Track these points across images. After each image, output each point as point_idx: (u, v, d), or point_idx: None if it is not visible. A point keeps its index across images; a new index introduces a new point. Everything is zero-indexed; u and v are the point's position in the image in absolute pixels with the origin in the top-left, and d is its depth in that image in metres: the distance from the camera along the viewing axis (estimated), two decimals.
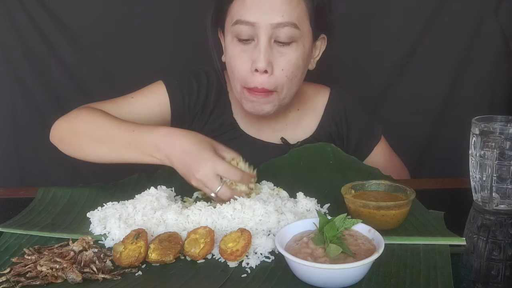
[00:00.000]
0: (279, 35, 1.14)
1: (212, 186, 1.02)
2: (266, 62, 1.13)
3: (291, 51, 1.16)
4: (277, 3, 1.13)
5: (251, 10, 1.13)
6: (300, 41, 1.16)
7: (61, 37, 1.64)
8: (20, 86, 1.66)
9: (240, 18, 1.14)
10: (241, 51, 1.17)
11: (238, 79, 1.19)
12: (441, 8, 1.71)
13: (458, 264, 0.86)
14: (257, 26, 1.13)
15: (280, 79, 1.17)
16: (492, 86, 1.80)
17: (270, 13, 1.12)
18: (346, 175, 1.18)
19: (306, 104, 1.36)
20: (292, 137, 1.33)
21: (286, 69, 1.16)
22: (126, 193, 1.09)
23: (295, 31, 1.14)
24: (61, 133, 1.19)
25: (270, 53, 1.14)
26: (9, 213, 1.04)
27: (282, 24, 1.13)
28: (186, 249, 0.87)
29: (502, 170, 1.04)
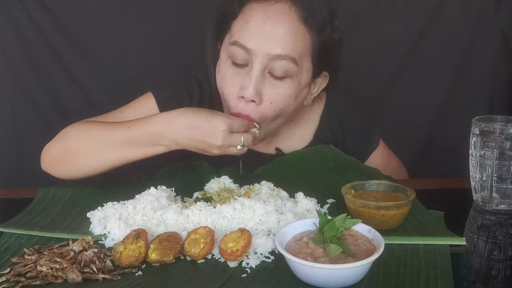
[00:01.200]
0: (274, 67, 1.07)
1: (236, 142, 1.04)
2: (255, 92, 1.08)
3: (284, 86, 1.10)
4: (279, 34, 1.06)
5: (251, 36, 1.07)
6: (295, 78, 1.10)
7: (61, 37, 1.64)
8: (20, 86, 1.66)
9: (238, 40, 1.08)
10: (232, 74, 1.11)
11: (227, 102, 1.14)
12: (441, 8, 1.71)
13: (458, 264, 0.86)
14: (253, 54, 1.07)
15: (267, 112, 1.11)
16: (492, 86, 1.80)
17: (270, 43, 1.06)
18: (345, 175, 1.18)
19: (301, 114, 1.30)
20: (288, 147, 1.29)
21: (275, 103, 1.10)
22: (126, 193, 1.09)
23: (293, 67, 1.08)
24: (52, 156, 1.15)
25: (261, 83, 1.08)
26: (9, 213, 1.04)
27: (280, 56, 1.07)
28: (186, 249, 0.87)
29: (502, 170, 1.04)
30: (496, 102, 1.80)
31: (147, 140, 1.05)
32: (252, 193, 1.08)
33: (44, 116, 1.69)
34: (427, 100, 1.80)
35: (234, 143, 1.04)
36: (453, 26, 1.72)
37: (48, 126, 1.70)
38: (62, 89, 1.69)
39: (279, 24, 1.07)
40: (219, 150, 1.04)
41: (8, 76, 1.65)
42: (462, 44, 1.75)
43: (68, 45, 1.65)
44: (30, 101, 1.67)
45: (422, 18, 1.73)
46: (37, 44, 1.63)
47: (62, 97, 1.69)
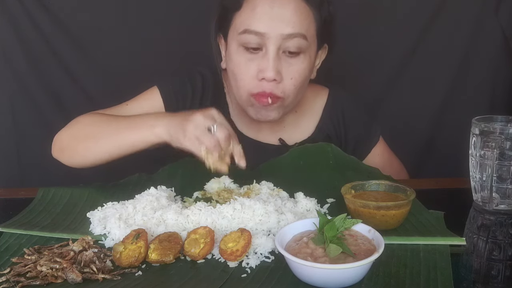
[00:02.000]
0: (288, 46, 1.14)
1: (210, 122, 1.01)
2: (275, 72, 1.15)
3: (299, 62, 1.17)
4: (288, 14, 1.13)
5: (261, 20, 1.13)
6: (307, 52, 1.18)
7: (61, 37, 1.64)
8: (20, 86, 1.66)
9: (248, 28, 1.14)
10: (247, 60, 1.17)
11: (243, 87, 1.19)
12: (441, 8, 1.71)
13: (458, 264, 0.86)
14: (266, 37, 1.13)
15: (288, 87, 1.18)
16: (492, 86, 1.80)
17: (281, 24, 1.13)
18: (346, 175, 1.18)
19: (305, 105, 1.35)
20: (290, 138, 1.33)
21: (294, 78, 1.18)
22: (126, 193, 1.09)
23: (304, 42, 1.15)
24: (61, 143, 1.20)
25: (278, 63, 1.15)
26: (9, 213, 1.04)
27: (292, 35, 1.14)
28: (186, 249, 0.87)
29: (502, 170, 1.04)
30: (496, 102, 1.80)
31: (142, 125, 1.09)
32: (252, 193, 1.09)
33: (44, 116, 1.69)
34: (427, 100, 1.80)
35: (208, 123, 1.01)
36: (453, 26, 1.72)
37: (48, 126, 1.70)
38: (62, 89, 1.69)
39: (285, 6, 1.14)
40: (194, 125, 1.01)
41: (8, 76, 1.65)
42: (462, 44, 1.75)
43: (68, 45, 1.65)
44: (30, 101, 1.67)
45: (422, 18, 1.73)
46: (37, 44, 1.63)
47: (62, 97, 1.69)
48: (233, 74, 1.21)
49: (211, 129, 1.01)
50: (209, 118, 1.02)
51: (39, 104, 1.68)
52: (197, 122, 1.02)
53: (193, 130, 1.01)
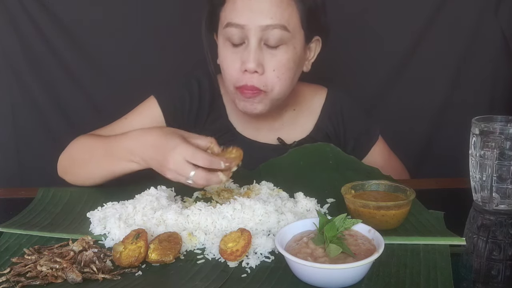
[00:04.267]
0: (268, 38, 1.14)
1: (185, 172, 0.97)
2: (256, 63, 1.14)
3: (281, 53, 1.16)
4: (266, 6, 1.13)
5: (241, 13, 1.14)
6: (290, 43, 1.17)
7: (61, 37, 1.64)
8: (20, 86, 1.66)
9: (230, 21, 1.15)
10: (231, 53, 1.18)
11: (230, 80, 1.20)
12: (441, 7, 1.71)
13: (458, 264, 0.86)
14: (246, 28, 1.14)
15: (271, 79, 1.17)
16: (492, 86, 1.80)
17: (260, 15, 1.13)
18: (345, 175, 1.18)
19: (303, 104, 1.36)
20: (289, 137, 1.33)
21: (277, 69, 1.17)
22: (126, 193, 1.09)
23: (285, 33, 1.15)
24: (63, 165, 1.22)
25: (260, 54, 1.15)
26: (9, 213, 1.04)
27: (271, 26, 1.13)
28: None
29: (502, 170, 1.04)
30: (496, 102, 1.80)
31: (121, 155, 1.09)
32: (252, 193, 1.09)
33: (44, 116, 1.69)
34: (427, 100, 1.80)
35: (183, 172, 0.97)
36: (453, 26, 1.72)
37: (48, 126, 1.70)
38: (62, 89, 1.69)
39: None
40: (171, 175, 1.00)
41: (8, 76, 1.65)
42: (462, 44, 1.75)
43: (68, 45, 1.65)
44: (30, 101, 1.68)
45: (422, 18, 1.73)
46: (37, 44, 1.63)
47: (62, 97, 1.69)
48: (222, 68, 1.22)
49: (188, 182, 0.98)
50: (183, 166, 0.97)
51: (39, 104, 1.68)
52: (172, 172, 0.99)
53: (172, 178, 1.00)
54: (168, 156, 0.99)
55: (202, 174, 0.97)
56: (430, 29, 1.73)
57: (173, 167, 0.98)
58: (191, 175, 0.97)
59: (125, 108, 1.31)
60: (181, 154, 0.97)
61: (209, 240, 0.91)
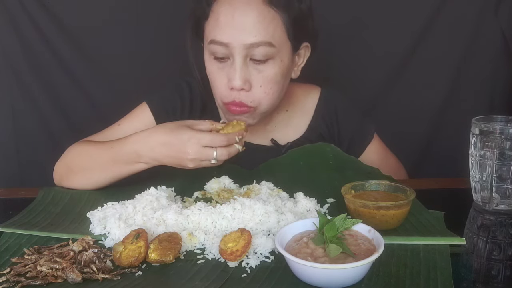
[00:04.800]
0: (254, 54, 1.12)
1: (208, 156, 1.03)
2: (242, 81, 1.13)
3: (268, 68, 1.14)
4: (249, 23, 1.10)
5: (224, 31, 1.11)
6: (277, 57, 1.14)
7: (61, 37, 1.65)
8: (20, 86, 1.66)
9: (214, 38, 1.13)
10: (218, 69, 1.16)
11: (217, 94, 1.19)
12: (441, 7, 1.71)
13: (458, 264, 0.86)
14: (231, 47, 1.11)
15: (258, 95, 1.16)
16: (492, 86, 1.80)
17: (243, 33, 1.10)
18: (345, 175, 1.18)
19: (296, 105, 1.34)
20: (282, 138, 1.32)
21: (264, 85, 1.15)
22: (126, 193, 1.09)
23: (271, 49, 1.12)
24: (59, 173, 1.21)
25: (246, 71, 1.13)
26: (9, 213, 1.04)
27: (256, 44, 1.10)
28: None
29: (502, 170, 1.04)
30: (496, 102, 1.80)
31: (128, 158, 1.10)
32: (252, 193, 1.09)
33: (44, 116, 1.70)
34: (427, 100, 1.80)
35: (206, 157, 1.03)
36: (453, 26, 1.72)
37: (48, 126, 1.70)
38: (62, 89, 1.69)
39: (246, 14, 1.11)
40: (193, 164, 1.05)
41: (8, 76, 1.65)
42: (462, 44, 1.75)
43: (68, 45, 1.65)
44: (30, 101, 1.68)
45: (422, 18, 1.73)
46: (37, 44, 1.63)
47: (62, 97, 1.70)
48: (210, 82, 1.21)
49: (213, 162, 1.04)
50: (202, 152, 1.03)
51: (39, 104, 1.68)
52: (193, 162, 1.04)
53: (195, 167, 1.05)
54: (185, 148, 1.03)
55: (223, 151, 1.04)
56: (430, 29, 1.73)
57: (194, 156, 1.03)
58: (214, 156, 1.03)
59: (125, 108, 1.31)
60: (198, 143, 1.03)
61: (209, 240, 0.91)
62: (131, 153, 1.09)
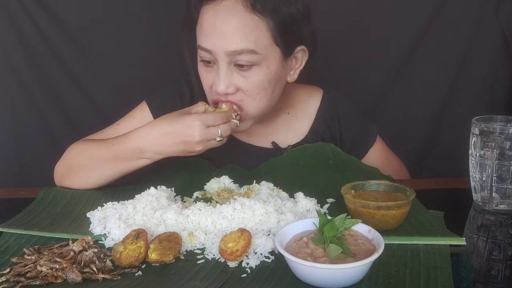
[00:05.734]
0: (237, 60, 1.11)
1: (214, 135, 1.07)
2: (225, 86, 1.12)
3: (253, 74, 1.13)
4: (231, 30, 1.09)
5: (207, 37, 1.11)
6: (263, 64, 1.12)
7: (61, 37, 1.65)
8: (20, 86, 1.66)
9: (200, 44, 1.14)
10: (205, 72, 1.17)
11: (208, 97, 1.20)
12: (441, 8, 1.71)
13: (458, 264, 0.86)
14: (214, 53, 1.11)
15: (246, 99, 1.15)
16: (492, 86, 1.80)
17: (225, 41, 1.09)
18: (345, 175, 1.18)
19: (297, 107, 1.33)
20: (284, 141, 1.31)
21: (250, 91, 1.14)
22: (126, 193, 1.09)
23: (254, 56, 1.10)
24: (59, 173, 1.21)
25: (230, 76, 1.12)
26: (9, 213, 1.04)
27: (238, 51, 1.09)
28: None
29: (502, 170, 1.04)
30: (496, 102, 1.80)
31: (130, 155, 1.11)
32: (252, 193, 1.09)
33: (44, 116, 1.70)
34: (427, 100, 1.80)
35: (212, 136, 1.07)
36: (453, 26, 1.72)
37: (48, 126, 1.70)
38: (62, 89, 1.69)
39: (227, 21, 1.09)
40: (200, 146, 1.07)
41: (8, 76, 1.65)
42: (462, 44, 1.75)
43: (68, 45, 1.66)
44: (30, 101, 1.68)
45: (422, 18, 1.73)
46: (37, 44, 1.63)
47: (62, 97, 1.70)
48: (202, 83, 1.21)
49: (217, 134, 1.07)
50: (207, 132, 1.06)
51: (39, 104, 1.68)
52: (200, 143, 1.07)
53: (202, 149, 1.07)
54: (191, 132, 1.05)
55: (225, 127, 1.08)
56: (430, 29, 1.73)
57: (201, 138, 1.06)
58: (220, 134, 1.07)
59: (125, 107, 1.31)
60: (201, 124, 1.05)
61: (209, 240, 0.91)
62: (134, 149, 1.09)
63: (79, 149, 1.21)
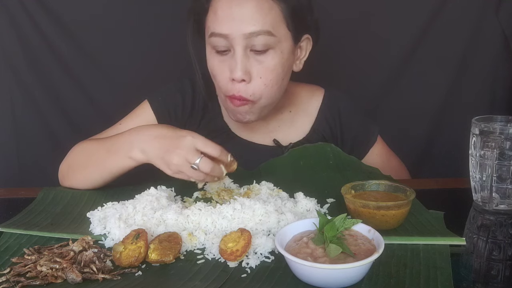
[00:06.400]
0: (254, 44, 1.12)
1: (193, 158, 1.01)
2: (243, 72, 1.13)
3: (268, 59, 1.14)
4: (248, 13, 1.11)
5: (223, 22, 1.12)
6: (277, 48, 1.15)
7: (61, 37, 1.64)
8: (20, 86, 1.66)
9: (214, 31, 1.14)
10: (219, 62, 1.16)
11: (220, 88, 1.20)
12: (441, 8, 1.71)
13: (458, 264, 0.86)
14: (231, 38, 1.12)
15: (258, 87, 1.15)
16: (492, 86, 1.80)
17: (242, 24, 1.11)
18: (345, 175, 1.18)
19: (299, 106, 1.35)
20: (285, 139, 1.32)
21: (264, 76, 1.15)
22: (126, 193, 1.09)
23: (270, 39, 1.12)
24: (62, 172, 1.22)
25: (246, 62, 1.13)
26: (9, 213, 1.04)
27: (255, 33, 1.11)
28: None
29: (502, 170, 1.04)
30: (497, 102, 1.80)
31: (121, 148, 1.10)
32: (252, 193, 1.09)
33: (44, 116, 1.69)
34: (427, 100, 1.80)
35: (191, 158, 1.01)
36: (454, 26, 1.72)
37: (48, 126, 1.70)
38: (62, 89, 1.69)
39: (244, 4, 1.11)
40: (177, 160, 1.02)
41: (8, 76, 1.65)
42: (462, 44, 1.75)
43: (69, 45, 1.65)
44: (30, 101, 1.68)
45: (422, 18, 1.73)
46: (37, 44, 1.63)
47: (62, 97, 1.70)
48: (212, 76, 1.21)
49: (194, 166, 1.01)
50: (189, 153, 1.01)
51: (39, 104, 1.68)
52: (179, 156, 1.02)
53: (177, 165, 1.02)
54: (178, 142, 1.02)
55: (208, 161, 1.01)
56: (431, 29, 1.73)
57: (182, 152, 1.01)
58: (197, 161, 1.01)
59: (125, 107, 1.31)
60: (192, 141, 1.02)
61: (209, 240, 0.91)
62: (125, 142, 1.09)
63: (80, 148, 1.21)
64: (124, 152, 1.09)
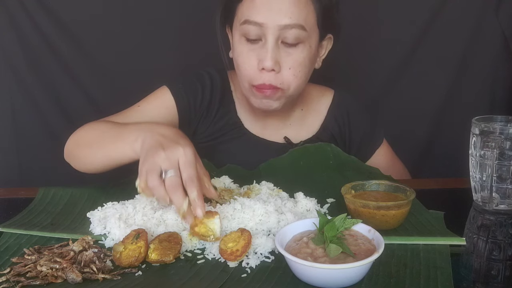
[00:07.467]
0: (286, 36, 1.15)
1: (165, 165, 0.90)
2: (273, 62, 1.15)
3: (297, 52, 1.17)
4: (286, 5, 1.14)
5: (260, 11, 1.14)
6: (307, 42, 1.17)
7: (61, 37, 1.64)
8: (20, 86, 1.66)
9: (248, 18, 1.15)
10: (248, 50, 1.18)
11: (246, 76, 1.20)
12: (441, 8, 1.71)
13: (458, 264, 0.86)
14: (265, 27, 1.14)
15: (287, 78, 1.18)
16: (492, 86, 1.80)
17: (279, 15, 1.13)
18: (346, 175, 1.19)
19: (310, 104, 1.37)
20: (295, 136, 1.34)
21: (293, 68, 1.17)
22: (126, 193, 1.09)
23: (302, 33, 1.15)
24: (68, 148, 1.21)
25: (277, 52, 1.16)
26: (9, 213, 1.04)
27: (290, 26, 1.14)
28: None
29: (502, 170, 1.04)
30: (497, 102, 1.80)
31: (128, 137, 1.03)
32: (252, 193, 1.09)
33: (44, 116, 1.69)
34: (427, 100, 1.80)
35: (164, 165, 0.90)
36: (454, 26, 1.72)
37: (48, 125, 1.70)
38: (62, 89, 1.69)
39: None
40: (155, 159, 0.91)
41: (8, 76, 1.65)
42: (462, 44, 1.75)
43: (69, 45, 1.65)
44: (30, 101, 1.67)
45: (422, 18, 1.73)
46: (37, 44, 1.63)
47: (62, 96, 1.69)
48: (237, 64, 1.22)
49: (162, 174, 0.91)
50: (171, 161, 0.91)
51: (39, 104, 1.68)
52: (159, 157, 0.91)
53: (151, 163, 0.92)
54: (169, 145, 0.93)
55: (176, 182, 0.90)
56: (431, 29, 1.73)
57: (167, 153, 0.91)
58: (169, 172, 0.90)
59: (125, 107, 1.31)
60: (183, 151, 0.92)
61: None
62: (133, 132, 1.03)
63: (91, 127, 1.19)
64: (129, 141, 1.04)
